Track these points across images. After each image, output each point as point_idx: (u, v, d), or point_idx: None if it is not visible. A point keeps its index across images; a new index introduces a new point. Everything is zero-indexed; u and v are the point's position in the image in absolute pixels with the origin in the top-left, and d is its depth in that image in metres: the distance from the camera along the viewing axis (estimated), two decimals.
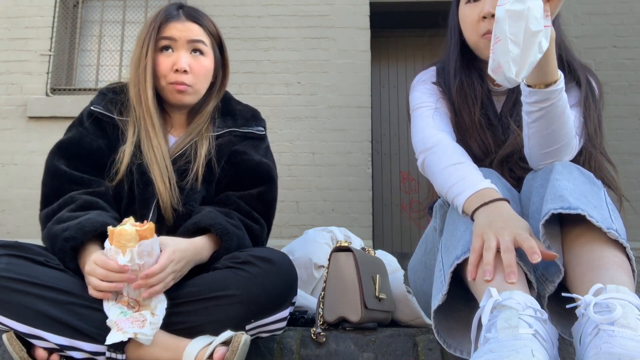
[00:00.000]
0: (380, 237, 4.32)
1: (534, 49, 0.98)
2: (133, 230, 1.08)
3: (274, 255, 1.21)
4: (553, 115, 1.11)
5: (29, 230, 3.70)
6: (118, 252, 1.08)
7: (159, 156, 1.32)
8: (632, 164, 3.88)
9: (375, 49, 4.28)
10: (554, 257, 0.98)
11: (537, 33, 0.97)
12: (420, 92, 1.40)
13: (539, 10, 0.97)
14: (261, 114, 1.54)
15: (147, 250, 1.09)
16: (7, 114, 3.99)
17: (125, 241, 1.08)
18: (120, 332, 1.05)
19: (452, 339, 1.09)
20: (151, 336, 1.07)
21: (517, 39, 0.97)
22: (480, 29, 1.29)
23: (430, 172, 1.26)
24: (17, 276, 1.09)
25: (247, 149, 1.42)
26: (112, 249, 1.09)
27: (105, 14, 4.38)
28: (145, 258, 1.09)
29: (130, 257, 1.08)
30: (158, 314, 1.10)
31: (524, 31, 0.97)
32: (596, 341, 0.83)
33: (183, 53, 1.38)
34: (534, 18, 0.97)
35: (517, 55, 0.98)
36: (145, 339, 1.07)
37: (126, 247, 1.08)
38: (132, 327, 1.06)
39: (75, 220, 1.19)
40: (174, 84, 1.37)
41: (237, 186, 1.39)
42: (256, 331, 1.20)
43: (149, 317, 1.09)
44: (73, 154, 1.33)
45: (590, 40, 4.04)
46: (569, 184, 1.06)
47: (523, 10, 0.96)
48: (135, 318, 1.08)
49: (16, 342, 1.08)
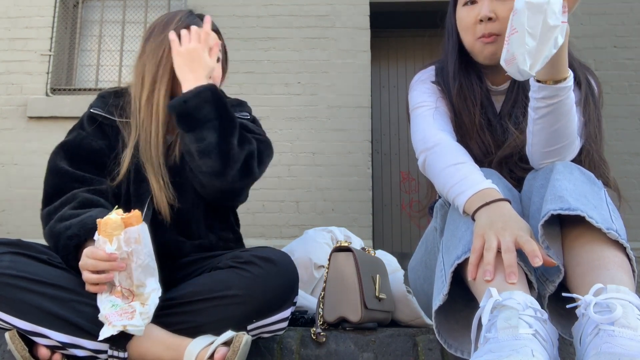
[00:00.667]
0: (380, 237, 4.32)
1: (550, 44, 0.97)
2: (118, 219, 1.09)
3: (276, 256, 1.22)
4: (560, 113, 1.12)
5: (29, 230, 3.69)
6: (105, 242, 1.09)
7: (153, 154, 1.33)
8: (632, 164, 3.88)
9: (375, 49, 4.28)
10: (553, 264, 0.99)
11: (555, 28, 0.96)
12: (420, 92, 1.40)
13: (558, 4, 0.97)
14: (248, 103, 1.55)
15: (133, 236, 1.09)
16: (7, 114, 3.99)
17: (111, 230, 1.09)
18: (110, 326, 1.06)
19: (452, 339, 1.09)
20: (142, 326, 1.07)
21: (534, 32, 0.97)
22: (476, 31, 1.30)
23: (431, 172, 1.26)
24: (20, 274, 1.09)
25: None
26: (100, 239, 1.10)
27: (105, 14, 4.38)
28: (133, 245, 1.10)
29: (118, 245, 1.08)
30: (149, 304, 1.09)
31: (542, 25, 0.96)
32: (596, 341, 0.83)
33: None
34: (553, 12, 0.96)
35: (533, 48, 0.97)
36: (135, 330, 1.07)
37: (112, 236, 1.09)
38: (120, 319, 1.07)
39: (77, 218, 1.19)
40: None
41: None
42: (258, 331, 1.20)
43: (139, 308, 1.08)
44: (75, 154, 1.34)
45: (590, 40, 4.04)
46: (569, 184, 1.06)
47: (542, 4, 0.96)
48: (125, 310, 1.08)
49: (18, 341, 1.09)
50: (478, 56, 1.33)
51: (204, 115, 1.27)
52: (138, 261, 1.10)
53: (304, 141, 3.94)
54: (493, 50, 1.29)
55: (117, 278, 1.11)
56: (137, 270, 1.10)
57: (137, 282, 1.11)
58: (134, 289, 1.11)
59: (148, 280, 1.11)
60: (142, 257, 1.10)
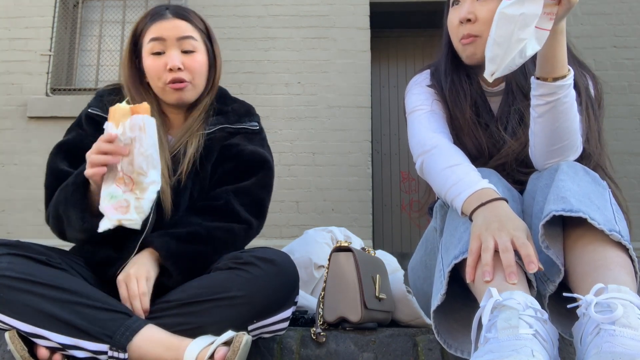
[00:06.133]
0: (380, 237, 4.32)
1: (514, 55, 0.99)
2: (127, 107, 1.15)
3: (276, 256, 1.21)
4: (560, 111, 1.12)
5: (29, 230, 3.70)
6: (113, 127, 1.14)
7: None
8: (632, 164, 3.88)
9: (375, 49, 4.28)
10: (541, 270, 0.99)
11: (522, 40, 0.98)
12: (416, 95, 1.41)
13: (533, 18, 0.98)
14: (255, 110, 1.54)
15: (138, 124, 1.13)
16: (7, 114, 3.99)
17: (119, 116, 1.14)
18: (107, 220, 1.10)
19: (452, 339, 1.09)
20: (138, 219, 1.11)
21: (500, 41, 0.99)
22: (458, 32, 1.32)
23: (429, 175, 1.26)
24: (19, 275, 1.09)
25: (239, 142, 1.42)
26: (109, 124, 1.15)
27: (105, 14, 4.38)
28: (137, 132, 1.13)
29: (123, 131, 1.13)
30: (145, 198, 1.12)
31: (511, 36, 0.98)
32: (597, 340, 0.83)
33: (174, 51, 1.36)
34: (525, 25, 0.97)
35: (496, 56, 1.00)
36: (131, 224, 1.10)
37: (119, 122, 1.14)
38: (115, 214, 1.10)
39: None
40: (171, 83, 1.36)
41: (233, 178, 1.38)
42: (259, 332, 1.20)
43: (133, 202, 1.11)
44: (73, 155, 1.33)
45: (590, 40, 4.04)
46: (573, 185, 1.06)
47: (515, 16, 0.97)
48: (120, 204, 1.11)
49: (18, 341, 1.08)
50: (462, 55, 1.35)
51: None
52: (141, 149, 1.13)
53: (304, 141, 3.94)
54: (472, 51, 1.30)
55: (120, 164, 1.13)
56: (139, 157, 1.13)
57: (138, 169, 1.13)
58: (134, 176, 1.13)
59: (150, 171, 1.14)
60: (145, 145, 1.13)
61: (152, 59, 1.37)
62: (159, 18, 1.38)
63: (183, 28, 1.38)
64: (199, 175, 1.37)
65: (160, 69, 1.36)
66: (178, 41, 1.37)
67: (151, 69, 1.37)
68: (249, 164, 1.40)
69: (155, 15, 1.39)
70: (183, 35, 1.37)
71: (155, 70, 1.36)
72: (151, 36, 1.37)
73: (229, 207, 1.33)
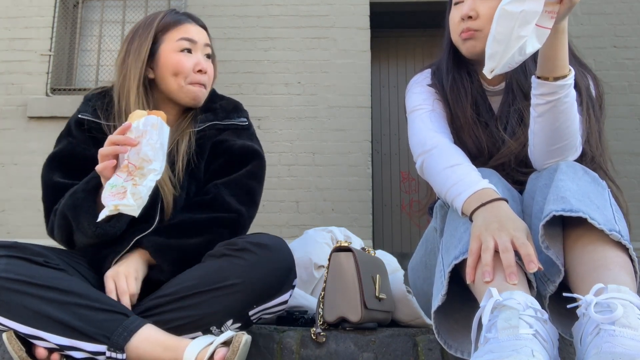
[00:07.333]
0: (380, 237, 4.32)
1: (514, 52, 0.99)
2: (144, 111, 1.19)
3: (270, 241, 1.22)
4: (560, 111, 1.12)
5: (29, 230, 3.70)
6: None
7: None
8: (632, 164, 3.88)
9: (375, 49, 4.28)
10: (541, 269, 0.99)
11: (522, 38, 0.98)
12: (417, 94, 1.41)
13: (534, 15, 0.98)
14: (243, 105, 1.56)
15: (152, 121, 1.16)
16: (7, 114, 3.99)
17: (136, 118, 1.18)
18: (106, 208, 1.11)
19: (452, 339, 1.09)
20: (135, 206, 1.11)
21: (500, 38, 0.99)
22: (458, 29, 1.33)
23: (429, 175, 1.26)
24: (16, 277, 1.09)
25: (228, 137, 1.44)
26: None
27: (105, 14, 4.38)
28: (149, 127, 1.15)
29: (137, 125, 1.16)
30: (143, 184, 1.13)
31: (511, 33, 0.98)
32: (597, 341, 0.83)
33: (201, 55, 1.43)
34: (525, 23, 0.97)
35: (495, 53, 1.00)
36: (128, 210, 1.10)
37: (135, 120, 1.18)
38: (113, 199, 1.11)
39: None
40: (194, 84, 1.41)
41: (224, 173, 1.40)
42: (259, 315, 1.21)
43: (130, 188, 1.11)
44: (66, 165, 1.34)
45: (590, 40, 4.03)
46: (573, 184, 1.06)
47: (515, 13, 0.97)
48: (117, 191, 1.12)
49: (15, 342, 1.08)
50: (461, 50, 1.36)
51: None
52: (150, 141, 1.15)
53: (304, 141, 3.94)
54: (472, 43, 1.31)
55: (127, 154, 1.15)
56: (147, 146, 1.14)
57: (144, 155, 1.14)
58: (139, 163, 1.15)
59: (155, 159, 1.15)
60: (154, 139, 1.15)
61: (183, 56, 1.40)
62: (186, 21, 1.44)
63: (206, 35, 1.47)
64: (194, 174, 1.39)
65: (190, 67, 1.40)
66: (204, 46, 1.44)
67: (181, 65, 1.40)
68: (239, 158, 1.42)
69: (182, 18, 1.44)
70: (207, 42, 1.46)
71: (186, 67, 1.40)
72: (182, 35, 1.41)
73: (218, 199, 1.35)
